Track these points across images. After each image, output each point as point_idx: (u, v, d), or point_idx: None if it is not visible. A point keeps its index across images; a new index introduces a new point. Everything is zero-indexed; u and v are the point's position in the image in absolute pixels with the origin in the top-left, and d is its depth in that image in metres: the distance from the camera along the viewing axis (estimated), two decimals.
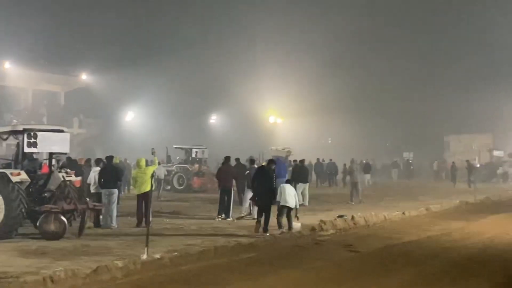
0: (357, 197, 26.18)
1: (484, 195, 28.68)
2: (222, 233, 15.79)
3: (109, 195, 17.11)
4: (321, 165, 43.03)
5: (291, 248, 13.78)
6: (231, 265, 11.55)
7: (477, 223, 18.79)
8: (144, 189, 17.07)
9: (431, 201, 25.38)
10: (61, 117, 48.81)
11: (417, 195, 29.58)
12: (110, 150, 30.03)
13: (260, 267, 11.40)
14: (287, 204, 16.09)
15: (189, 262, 11.53)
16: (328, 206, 23.75)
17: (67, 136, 15.64)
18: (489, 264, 11.95)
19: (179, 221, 18.58)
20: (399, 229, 17.35)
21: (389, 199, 27.71)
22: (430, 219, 20.07)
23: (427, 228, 17.46)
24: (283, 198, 16.14)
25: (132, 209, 18.23)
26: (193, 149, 34.05)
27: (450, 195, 29.33)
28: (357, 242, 14.53)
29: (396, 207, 22.77)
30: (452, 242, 14.84)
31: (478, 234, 16.21)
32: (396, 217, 19.65)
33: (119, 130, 56.45)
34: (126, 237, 14.87)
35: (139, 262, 10.90)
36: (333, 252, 13.19)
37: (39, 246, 13.16)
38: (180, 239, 14.42)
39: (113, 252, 12.54)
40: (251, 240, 14.20)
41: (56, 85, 54.61)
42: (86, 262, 11.26)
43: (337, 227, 16.63)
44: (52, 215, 14.31)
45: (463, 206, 24.96)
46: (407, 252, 13.32)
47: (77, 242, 13.95)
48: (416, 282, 10.34)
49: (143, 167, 17.62)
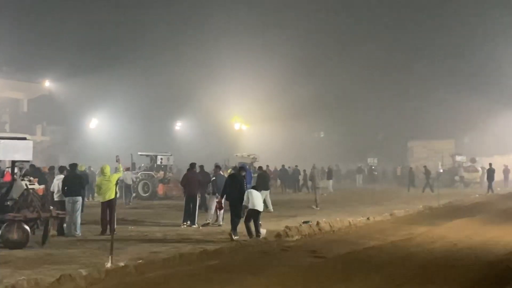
0: (318, 202, 26.71)
1: (447, 200, 29.07)
2: (188, 240, 15.77)
3: (73, 203, 16.97)
4: (286, 171, 43.21)
5: (256, 254, 13.79)
6: (196, 272, 11.51)
7: (441, 227, 18.98)
8: (109, 196, 16.96)
9: (395, 207, 25.63)
10: (24, 124, 48.20)
11: (382, 201, 29.86)
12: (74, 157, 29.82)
13: (225, 274, 11.38)
14: (256, 207, 16.18)
15: (154, 269, 11.47)
16: (293, 212, 23.84)
17: (30, 144, 15.45)
18: (452, 268, 12.09)
19: (144, 228, 18.49)
20: (363, 234, 17.49)
21: (355, 204, 27.91)
22: (394, 224, 20.24)
23: (391, 233, 17.61)
24: (251, 202, 16.21)
25: (96, 217, 18.08)
26: (158, 156, 33.88)
27: (414, 200, 29.68)
28: (322, 248, 14.58)
29: (361, 212, 22.96)
30: (416, 247, 14.98)
31: (442, 238, 16.39)
32: (361, 223, 19.77)
33: (83, 138, 55.95)
34: (91, 245, 14.76)
35: (103, 271, 10.80)
36: (298, 258, 13.22)
37: (1, 255, 12.96)
38: (145, 247, 14.36)
39: (77, 260, 12.43)
40: (217, 247, 14.16)
41: (19, 92, 53.97)
42: (49, 271, 11.14)
43: (302, 233, 16.67)
44: (15, 223, 14.14)
45: (426, 211, 25.23)
46: (372, 257, 13.42)
47: (41, 251, 13.80)
48: (380, 287, 10.44)
49: (107, 175, 17.51)
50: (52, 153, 50.31)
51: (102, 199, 17.35)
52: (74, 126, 57.27)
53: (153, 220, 21.08)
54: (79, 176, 17.93)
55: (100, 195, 17.56)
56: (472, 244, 15.33)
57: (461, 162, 49.43)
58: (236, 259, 13.13)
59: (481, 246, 15.01)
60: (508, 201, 30.58)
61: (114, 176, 17.46)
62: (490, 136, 60.46)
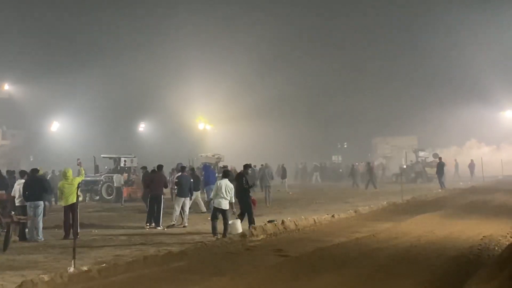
0: (269, 201, 27.56)
1: (411, 195, 29.38)
2: (152, 242, 15.66)
3: (34, 207, 16.74)
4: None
5: (221, 255, 13.74)
6: (160, 274, 11.43)
7: (404, 223, 19.17)
8: (72, 200, 16.77)
9: (360, 203, 25.82)
10: None
11: (346, 198, 30.05)
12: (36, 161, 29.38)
13: (190, 275, 11.32)
14: (220, 206, 16.25)
15: (117, 273, 11.35)
16: (258, 211, 23.81)
17: None
18: (416, 263, 12.21)
19: (108, 231, 18.31)
20: (328, 232, 17.56)
21: (320, 202, 28.04)
22: (359, 221, 20.38)
23: (356, 230, 17.72)
24: (217, 201, 16.29)
25: (59, 221, 17.84)
26: (121, 158, 33.57)
27: (378, 197, 29.94)
28: (287, 246, 14.61)
29: (326, 210, 23.06)
30: (380, 242, 15.09)
31: (405, 234, 16.54)
32: (326, 220, 19.86)
33: (44, 141, 55.23)
34: (53, 250, 14.57)
35: (66, 275, 10.66)
36: (263, 258, 13.21)
37: None
38: (109, 250, 14.22)
39: (39, 265, 12.26)
40: (182, 248, 14.10)
41: None
42: (11, 277, 10.98)
43: (267, 232, 16.67)
44: None
45: (390, 207, 25.45)
46: (337, 254, 13.48)
47: (2, 256, 13.60)
48: (344, 284, 10.46)
49: (70, 178, 17.30)
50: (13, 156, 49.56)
51: (64, 203, 17.13)
52: (35, 129, 56.56)
53: (117, 223, 20.89)
54: (40, 180, 17.68)
55: (62, 199, 17.32)
56: (435, 238, 15.50)
57: (424, 157, 50.00)
58: (201, 260, 13.07)
59: (444, 240, 15.19)
60: (470, 195, 31.06)
61: (76, 180, 17.26)
62: (449, 129, 61.45)
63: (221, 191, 16.58)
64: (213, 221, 16.37)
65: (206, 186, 24.60)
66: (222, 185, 16.73)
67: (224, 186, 16.69)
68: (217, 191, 16.67)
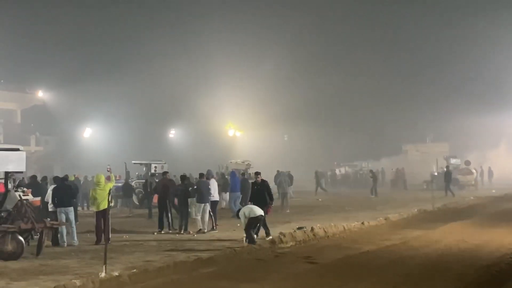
0: (286, 207, 27.59)
1: (442, 203, 29.11)
2: (182, 248, 15.73)
3: (65, 213, 16.99)
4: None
5: (251, 261, 13.79)
6: (190, 280, 11.52)
7: (435, 231, 19.03)
8: (103, 206, 16.94)
9: (390, 211, 25.62)
10: (17, 135, 48.16)
11: (376, 205, 29.85)
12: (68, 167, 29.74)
13: (219, 281, 11.39)
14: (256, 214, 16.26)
15: (148, 278, 11.46)
16: (287, 218, 23.83)
17: (23, 155, 15.47)
18: (447, 272, 12.12)
19: (138, 237, 18.46)
20: (358, 239, 17.50)
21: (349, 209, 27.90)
22: (389, 228, 20.26)
23: (386, 237, 17.63)
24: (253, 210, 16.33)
25: (91, 226, 18.06)
26: (152, 164, 33.74)
27: (408, 204, 29.68)
28: (317, 254, 14.60)
29: (355, 217, 22.93)
30: (410, 250, 15.01)
31: (436, 242, 16.43)
32: (355, 227, 19.78)
33: (77, 147, 55.89)
34: (85, 255, 14.73)
35: (97, 281, 10.80)
36: (293, 264, 13.23)
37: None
38: (140, 256, 14.33)
39: (71, 270, 12.41)
40: (211, 254, 14.16)
41: (12, 102, 54.01)
42: (44, 281, 11.13)
43: (296, 239, 16.67)
44: (9, 235, 14.11)
45: (421, 214, 25.25)
46: (366, 261, 13.46)
47: (36, 261, 13.78)
48: None
49: (102, 184, 17.48)
50: (46, 163, 50.25)
51: (96, 209, 17.33)
52: (68, 136, 57.25)
53: (147, 228, 21.04)
54: (69, 187, 17.90)
55: (94, 205, 17.53)
56: (466, 247, 15.37)
57: (456, 164, 49.48)
58: (230, 266, 13.13)
59: (475, 249, 15.06)
60: (502, 203, 30.67)
61: (108, 186, 17.46)
62: (480, 136, 60.83)
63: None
64: (250, 232, 16.23)
65: (231, 192, 25.38)
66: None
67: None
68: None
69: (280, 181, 29.70)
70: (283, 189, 28.80)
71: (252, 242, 15.86)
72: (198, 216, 19.51)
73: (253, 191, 18.26)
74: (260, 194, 17.80)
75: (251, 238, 16.00)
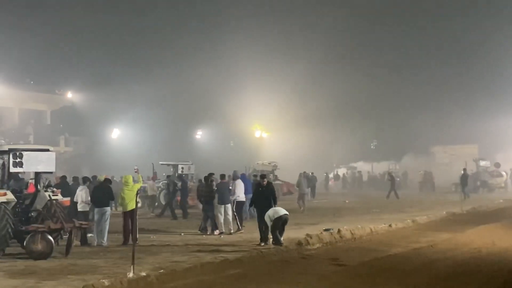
0: (303, 208, 27.98)
1: (471, 205, 28.81)
2: (209, 249, 15.79)
3: (102, 213, 17.16)
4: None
5: (277, 263, 13.78)
6: (217, 281, 11.55)
7: (464, 234, 18.82)
8: (131, 206, 17.07)
9: (418, 213, 25.44)
10: (47, 135, 48.70)
11: (403, 207, 29.65)
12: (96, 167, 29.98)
13: (246, 283, 11.41)
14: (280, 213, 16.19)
15: (175, 279, 11.52)
16: (313, 220, 23.77)
17: (53, 155, 15.66)
18: (475, 275, 12.01)
19: (165, 237, 18.57)
20: (385, 241, 17.41)
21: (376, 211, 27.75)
22: (417, 231, 20.11)
23: (414, 240, 17.51)
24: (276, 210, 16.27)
25: (118, 226, 18.19)
26: (179, 165, 33.90)
27: (437, 207, 29.43)
28: (344, 256, 14.55)
29: (382, 219, 22.82)
30: (438, 253, 14.88)
31: (465, 245, 16.25)
32: (383, 230, 19.67)
33: (105, 148, 56.38)
34: (113, 255, 14.87)
35: (125, 281, 10.89)
36: (319, 266, 13.20)
37: (26, 266, 13.15)
38: (167, 256, 14.43)
39: (100, 270, 12.54)
40: (238, 255, 14.19)
41: (42, 103, 54.65)
42: (73, 281, 11.27)
43: (323, 241, 16.62)
44: (39, 234, 14.30)
45: (449, 217, 25.03)
46: (394, 264, 13.37)
47: (64, 261, 13.96)
48: None
49: (130, 185, 17.65)
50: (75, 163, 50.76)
51: (124, 209, 17.47)
52: (96, 137, 57.79)
53: (174, 229, 21.15)
54: (108, 187, 18.07)
55: (122, 205, 17.67)
56: (496, 250, 15.18)
57: (485, 167, 48.95)
58: (257, 268, 13.14)
59: (505, 252, 14.88)
60: None
61: (136, 186, 17.62)
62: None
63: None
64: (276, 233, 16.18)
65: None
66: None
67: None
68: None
69: (299, 182, 29.78)
70: (302, 190, 28.96)
71: (279, 244, 15.85)
72: (221, 217, 19.56)
73: (256, 193, 17.78)
74: (262, 196, 17.23)
75: (277, 239, 15.99)
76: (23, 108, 53.00)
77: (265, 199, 17.00)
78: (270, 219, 16.16)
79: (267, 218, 16.27)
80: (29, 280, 11.51)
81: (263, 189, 17.30)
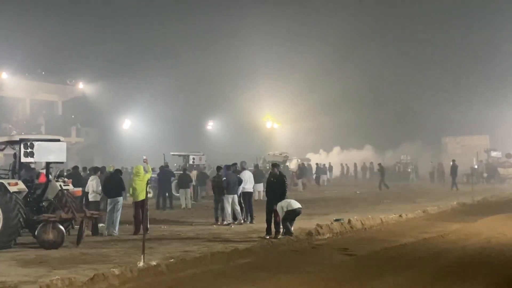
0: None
1: (482, 196, 28.74)
2: (219, 239, 15.86)
3: (114, 203, 17.24)
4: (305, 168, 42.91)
5: (288, 253, 13.83)
6: (227, 271, 11.60)
7: (474, 224, 18.79)
8: (142, 196, 17.16)
9: (428, 203, 25.40)
10: (59, 126, 48.86)
11: (414, 198, 29.61)
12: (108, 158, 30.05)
13: (256, 272, 11.44)
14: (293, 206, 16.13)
15: (185, 268, 11.58)
16: (324, 210, 23.78)
17: (64, 145, 15.74)
18: (486, 265, 11.99)
19: (176, 227, 18.65)
20: (396, 231, 17.41)
21: (387, 202, 27.73)
22: (427, 221, 20.10)
23: (424, 230, 17.49)
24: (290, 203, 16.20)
25: (129, 216, 18.29)
26: (190, 156, 33.97)
27: (447, 197, 29.38)
28: (354, 246, 14.56)
29: (393, 210, 22.78)
30: (449, 243, 14.86)
31: (475, 235, 16.23)
32: (393, 220, 19.66)
33: (116, 138, 56.54)
34: (124, 245, 14.96)
35: (136, 270, 10.95)
36: (330, 256, 13.23)
37: (37, 255, 13.25)
38: (177, 246, 14.50)
39: (110, 259, 12.63)
40: (248, 245, 14.24)
41: (54, 94, 54.78)
42: (84, 270, 11.34)
43: (333, 231, 16.64)
44: (50, 224, 14.41)
45: (460, 207, 25.00)
46: (404, 254, 13.37)
47: (76, 250, 14.05)
48: (412, 285, 10.38)
49: (141, 175, 17.69)
50: (87, 154, 50.99)
51: (135, 199, 17.54)
52: (108, 127, 57.95)
53: (185, 219, 21.23)
54: (120, 178, 18.14)
55: (133, 196, 17.74)
56: (506, 240, 15.14)
57: (496, 157, 48.75)
58: (267, 257, 13.18)
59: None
60: None
61: (146, 176, 17.68)
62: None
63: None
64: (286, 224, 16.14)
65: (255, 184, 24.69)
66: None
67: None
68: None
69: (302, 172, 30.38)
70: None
71: (289, 234, 15.87)
72: (228, 207, 19.58)
73: (268, 184, 17.38)
74: (273, 188, 16.89)
75: (287, 229, 16.00)
76: (35, 99, 53.18)
77: (275, 191, 16.77)
78: (283, 210, 16.12)
79: (279, 209, 16.18)
80: (40, 269, 11.61)
81: (275, 181, 17.00)
